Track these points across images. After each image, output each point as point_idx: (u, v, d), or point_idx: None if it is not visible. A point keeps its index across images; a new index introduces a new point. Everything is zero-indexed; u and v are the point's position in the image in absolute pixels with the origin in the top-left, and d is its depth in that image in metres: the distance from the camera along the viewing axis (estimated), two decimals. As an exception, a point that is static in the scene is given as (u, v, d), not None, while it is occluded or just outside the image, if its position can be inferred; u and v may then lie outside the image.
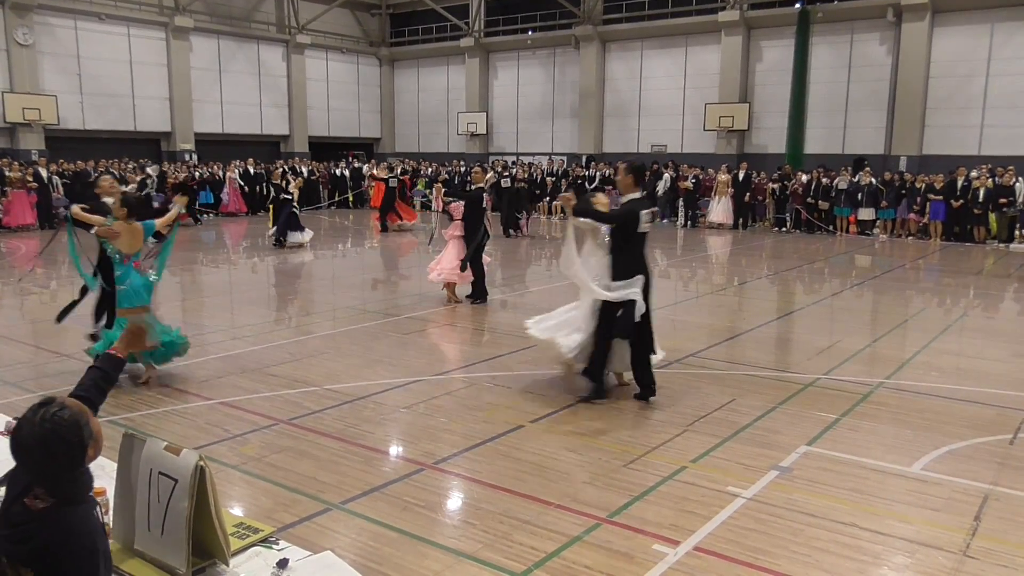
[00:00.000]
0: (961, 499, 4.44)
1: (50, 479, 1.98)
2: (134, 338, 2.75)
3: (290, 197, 15.98)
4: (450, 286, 10.21)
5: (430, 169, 26.55)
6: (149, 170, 21.22)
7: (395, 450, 5.19)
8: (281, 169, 19.02)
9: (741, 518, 4.16)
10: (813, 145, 22.79)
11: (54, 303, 10.51)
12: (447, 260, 10.01)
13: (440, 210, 10.19)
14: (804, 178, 19.84)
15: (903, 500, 4.43)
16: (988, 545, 3.90)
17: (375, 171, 21.69)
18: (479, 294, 10.15)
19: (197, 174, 22.63)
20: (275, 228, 16.02)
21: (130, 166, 21.56)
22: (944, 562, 3.74)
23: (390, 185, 19.43)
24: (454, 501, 4.43)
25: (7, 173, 18.02)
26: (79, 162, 20.43)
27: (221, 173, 23.31)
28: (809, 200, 19.63)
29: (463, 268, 9.70)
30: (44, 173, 18.90)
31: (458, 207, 9.93)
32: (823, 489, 4.53)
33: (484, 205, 9.92)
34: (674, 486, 4.55)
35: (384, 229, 19.11)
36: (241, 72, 28.74)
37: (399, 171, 21.43)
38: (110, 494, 2.38)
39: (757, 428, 5.54)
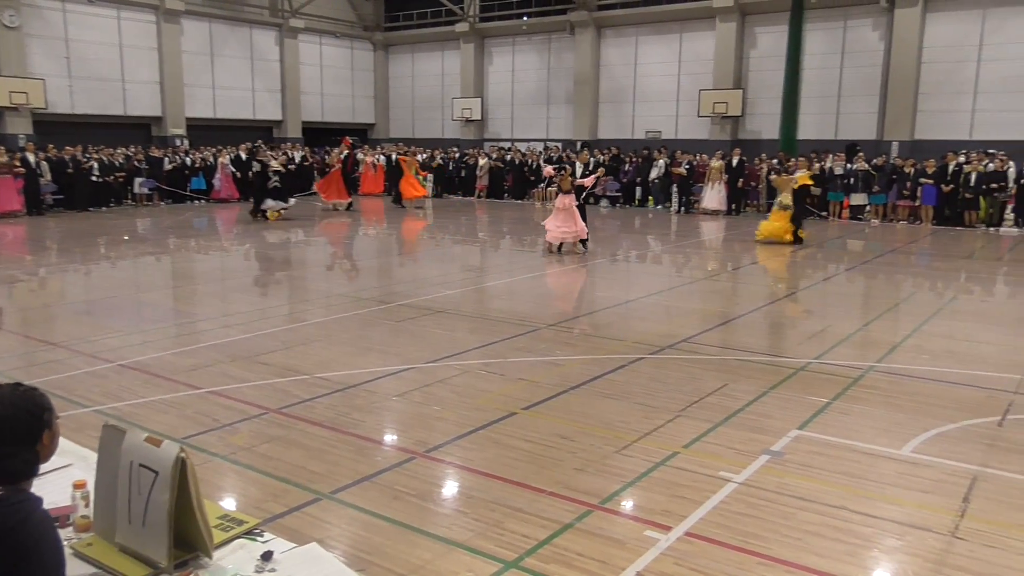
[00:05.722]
0: (950, 481, 4.45)
1: (7, 455, 1.95)
2: None
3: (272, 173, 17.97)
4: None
5: (422, 155, 26.41)
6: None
7: (386, 438, 5.17)
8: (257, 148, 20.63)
9: (733, 503, 4.16)
10: (806, 131, 22.74)
11: (43, 291, 10.46)
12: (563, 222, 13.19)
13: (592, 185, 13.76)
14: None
15: (893, 483, 4.43)
16: (977, 526, 3.91)
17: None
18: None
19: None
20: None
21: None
22: (934, 543, 3.75)
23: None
24: (445, 489, 4.41)
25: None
26: (68, 147, 20.26)
27: (213, 159, 23.16)
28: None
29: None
30: (32, 158, 18.74)
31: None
32: (814, 473, 4.54)
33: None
34: (666, 472, 4.55)
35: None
36: (234, 56, 28.52)
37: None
38: (91, 486, 2.36)
39: (749, 413, 5.54)
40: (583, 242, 13.57)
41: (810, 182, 15.70)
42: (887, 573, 3.57)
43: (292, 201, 18.57)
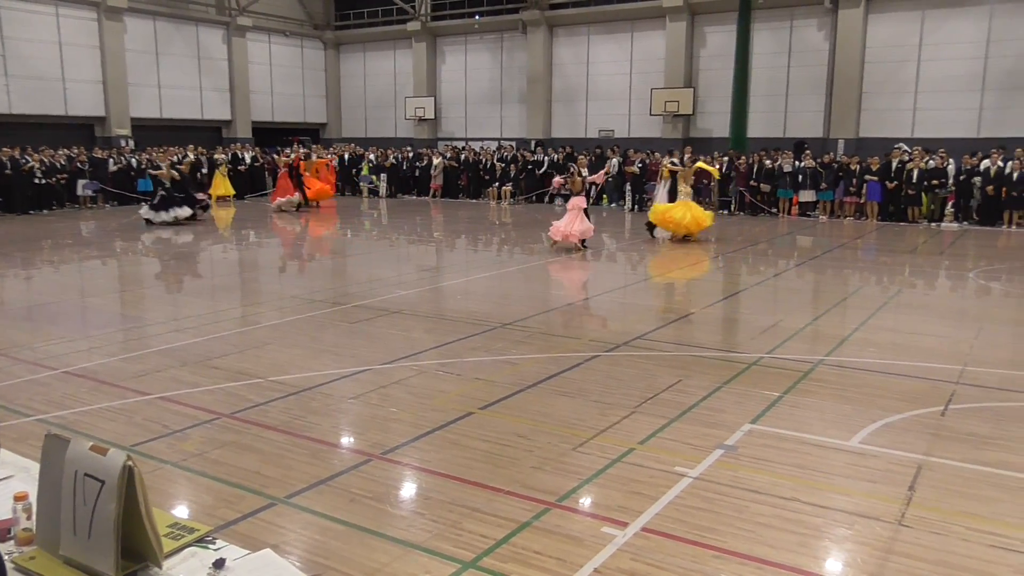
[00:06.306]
0: (897, 470, 4.57)
1: None
2: None
3: (162, 180, 17.59)
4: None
5: (373, 155, 26.18)
6: None
7: (342, 441, 5.11)
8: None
9: (688, 497, 4.21)
10: (755, 129, 23.17)
11: (-18, 297, 10.10)
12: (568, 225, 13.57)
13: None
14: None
15: (842, 473, 4.54)
16: (922, 513, 4.03)
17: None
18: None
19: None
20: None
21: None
22: (881, 532, 3.85)
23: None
24: (402, 491, 4.39)
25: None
26: (5, 148, 19.56)
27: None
28: (752, 183, 19.97)
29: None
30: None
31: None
32: (766, 465, 4.62)
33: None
34: (622, 468, 4.58)
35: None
36: (180, 55, 27.89)
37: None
38: (33, 498, 2.28)
39: (703, 408, 5.62)
40: (583, 242, 13.90)
41: (710, 168, 17.21)
42: (837, 562, 3.65)
43: (179, 211, 17.45)
